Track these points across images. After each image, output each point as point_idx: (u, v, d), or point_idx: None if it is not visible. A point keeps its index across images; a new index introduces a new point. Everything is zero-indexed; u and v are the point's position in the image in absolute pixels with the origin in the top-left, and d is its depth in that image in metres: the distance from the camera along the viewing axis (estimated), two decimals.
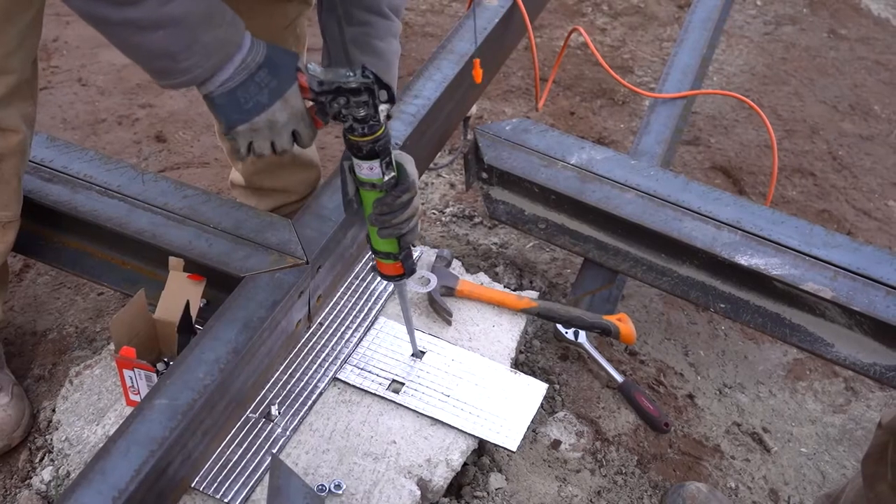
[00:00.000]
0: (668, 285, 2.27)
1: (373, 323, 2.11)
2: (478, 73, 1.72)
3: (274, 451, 1.84)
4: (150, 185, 2.08)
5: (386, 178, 1.62)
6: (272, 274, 1.89)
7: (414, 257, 1.82)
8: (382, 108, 1.56)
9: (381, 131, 1.57)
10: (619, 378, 2.21)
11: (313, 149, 2.49)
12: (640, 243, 2.26)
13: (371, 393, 1.98)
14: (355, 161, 1.62)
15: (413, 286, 1.90)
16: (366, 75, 1.52)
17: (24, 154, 1.90)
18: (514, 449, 1.94)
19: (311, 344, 2.05)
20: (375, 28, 1.81)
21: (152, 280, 2.02)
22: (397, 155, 1.65)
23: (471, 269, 2.44)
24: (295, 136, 1.67)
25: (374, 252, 1.78)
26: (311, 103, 1.65)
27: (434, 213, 2.80)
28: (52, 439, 1.97)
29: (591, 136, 3.21)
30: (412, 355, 2.02)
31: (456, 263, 2.34)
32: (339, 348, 2.05)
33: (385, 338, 2.08)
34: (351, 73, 1.53)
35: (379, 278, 2.17)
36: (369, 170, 1.61)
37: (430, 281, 1.99)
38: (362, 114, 1.54)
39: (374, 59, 1.79)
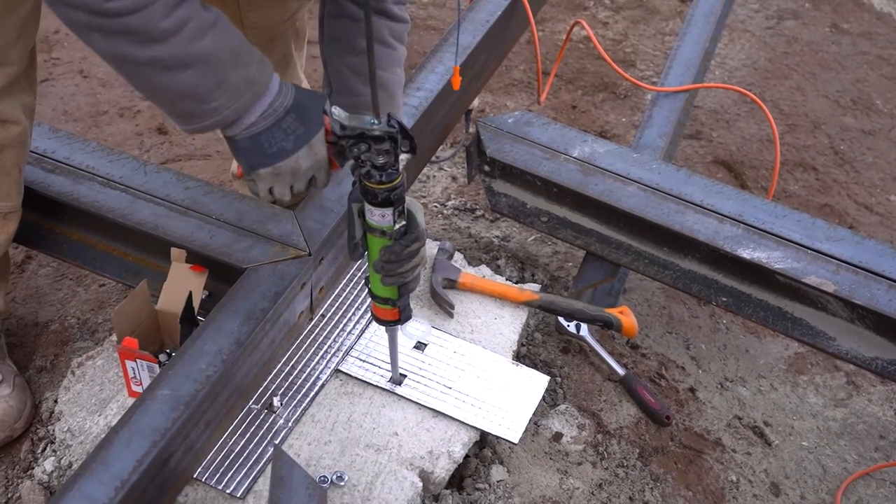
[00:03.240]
0: (670, 279, 2.27)
1: None
2: (456, 81, 1.72)
3: (276, 442, 1.84)
4: (151, 177, 2.07)
5: (397, 226, 1.59)
6: (274, 265, 1.89)
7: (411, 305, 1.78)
8: (403, 157, 1.53)
9: (398, 180, 1.54)
10: (620, 371, 2.21)
11: None
12: (642, 237, 2.26)
13: (373, 385, 1.98)
14: (367, 206, 1.58)
15: (406, 332, 1.85)
16: (391, 124, 1.49)
17: (25, 145, 1.90)
18: (516, 441, 1.94)
19: (313, 335, 2.05)
20: (377, 58, 1.72)
21: (154, 271, 2.02)
22: (408, 203, 1.62)
23: (473, 261, 2.45)
24: (311, 180, 1.63)
25: (373, 296, 1.75)
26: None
27: (436, 207, 2.79)
28: (54, 430, 1.97)
29: (594, 130, 3.20)
30: (390, 380, 1.99)
31: (458, 256, 2.34)
32: (341, 340, 2.05)
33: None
34: (375, 121, 1.49)
35: None
36: (381, 217, 1.58)
37: (423, 330, 1.95)
38: (382, 161, 1.51)
39: (377, 89, 1.75)
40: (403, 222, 1.60)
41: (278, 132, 1.51)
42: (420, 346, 2.07)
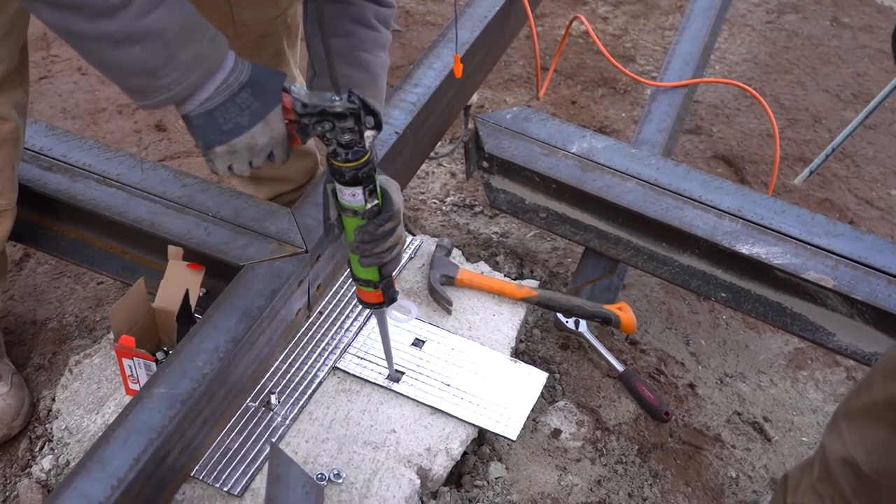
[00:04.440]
0: (669, 274, 2.26)
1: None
2: (458, 69, 1.75)
3: (273, 439, 1.84)
4: (149, 174, 2.07)
5: (369, 205, 1.57)
6: (271, 263, 1.88)
7: (396, 286, 1.76)
8: (368, 134, 1.51)
9: (365, 158, 1.52)
10: (619, 367, 2.21)
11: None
12: (641, 232, 2.25)
13: (371, 382, 1.98)
14: (338, 186, 1.56)
15: (392, 315, 1.83)
16: (352, 100, 1.47)
17: (17, 142, 1.89)
18: (514, 438, 1.94)
19: (310, 333, 2.05)
20: (361, 40, 1.74)
21: (151, 269, 2.02)
22: (383, 181, 1.60)
23: (471, 258, 2.44)
24: (270, 155, 1.60)
25: (354, 279, 1.73)
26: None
27: (435, 203, 2.79)
28: (51, 428, 1.97)
29: (593, 125, 3.19)
30: (388, 377, 1.98)
31: (456, 252, 2.33)
32: (338, 337, 2.05)
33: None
34: (337, 98, 1.47)
35: None
36: (351, 196, 1.56)
37: (410, 311, 1.88)
38: (347, 139, 1.49)
39: (360, 71, 1.73)
40: (376, 201, 1.58)
41: (233, 107, 1.49)
42: (418, 342, 2.06)
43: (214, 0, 2.07)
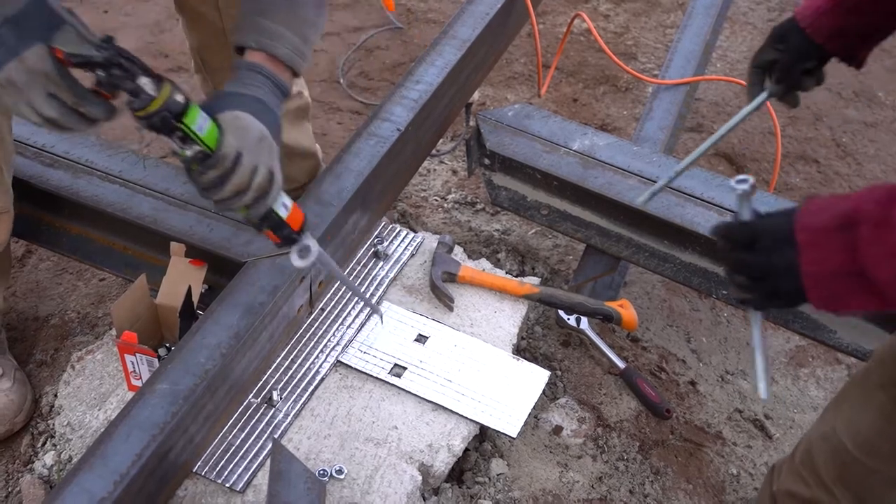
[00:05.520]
0: (670, 272, 2.26)
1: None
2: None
3: (276, 436, 1.84)
4: (151, 171, 2.07)
5: (188, 152, 1.47)
6: (273, 259, 1.88)
7: (302, 227, 1.65)
8: (144, 80, 1.40)
9: (153, 106, 1.41)
10: (620, 364, 2.21)
11: (312, 139, 2.47)
12: (643, 230, 2.26)
13: (373, 377, 1.98)
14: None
15: (293, 258, 1.65)
16: (102, 48, 1.38)
17: (2, 142, 1.86)
18: (516, 435, 1.94)
19: (312, 329, 2.05)
20: None
21: (154, 265, 2.02)
22: (227, 119, 1.50)
23: (473, 255, 2.44)
24: (62, 102, 1.44)
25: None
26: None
27: (436, 200, 2.79)
28: (54, 424, 1.97)
29: (594, 123, 3.19)
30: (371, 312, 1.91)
31: (458, 249, 2.34)
32: (340, 334, 2.05)
33: (387, 322, 2.08)
34: (94, 47, 1.38)
35: (381, 263, 2.18)
36: (171, 143, 1.48)
37: (309, 251, 1.65)
38: (129, 86, 1.40)
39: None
40: (197, 147, 1.47)
41: None
42: (420, 339, 2.07)
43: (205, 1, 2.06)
